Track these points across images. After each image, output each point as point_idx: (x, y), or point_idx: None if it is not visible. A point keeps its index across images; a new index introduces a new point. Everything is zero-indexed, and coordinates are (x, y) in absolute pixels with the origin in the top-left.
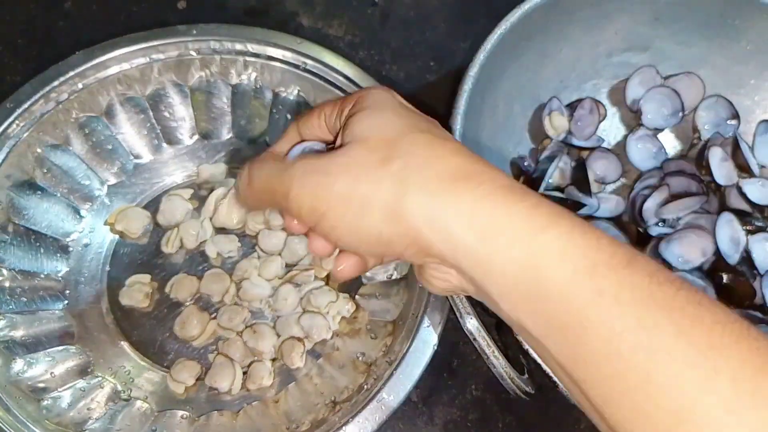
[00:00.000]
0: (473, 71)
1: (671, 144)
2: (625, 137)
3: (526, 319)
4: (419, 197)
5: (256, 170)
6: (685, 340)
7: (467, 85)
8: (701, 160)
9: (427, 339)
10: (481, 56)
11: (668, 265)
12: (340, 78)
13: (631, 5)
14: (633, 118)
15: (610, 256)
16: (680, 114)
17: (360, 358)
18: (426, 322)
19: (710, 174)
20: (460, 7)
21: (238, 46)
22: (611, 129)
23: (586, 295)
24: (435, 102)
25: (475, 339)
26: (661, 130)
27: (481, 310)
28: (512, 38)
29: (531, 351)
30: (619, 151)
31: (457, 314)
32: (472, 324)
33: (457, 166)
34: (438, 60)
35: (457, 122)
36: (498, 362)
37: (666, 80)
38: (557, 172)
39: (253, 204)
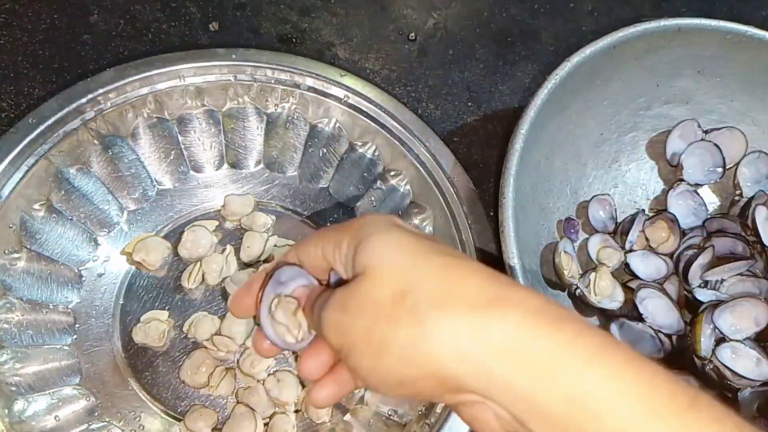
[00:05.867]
0: (524, 128)
1: (710, 200)
2: (663, 191)
3: None
4: (442, 333)
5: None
6: None
7: (518, 143)
8: (744, 218)
9: None
10: (531, 112)
11: (720, 333)
12: (383, 114)
13: (675, 58)
14: (671, 172)
15: (670, 396)
16: (721, 169)
17: (392, 417)
18: None
19: (756, 234)
20: (500, 48)
21: (278, 75)
22: (650, 183)
23: None
24: (471, 144)
25: None
26: (701, 185)
27: None
28: (559, 91)
29: None
30: (658, 205)
31: None
32: None
33: (480, 290)
34: (476, 101)
35: (509, 184)
36: None
37: (707, 134)
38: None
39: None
